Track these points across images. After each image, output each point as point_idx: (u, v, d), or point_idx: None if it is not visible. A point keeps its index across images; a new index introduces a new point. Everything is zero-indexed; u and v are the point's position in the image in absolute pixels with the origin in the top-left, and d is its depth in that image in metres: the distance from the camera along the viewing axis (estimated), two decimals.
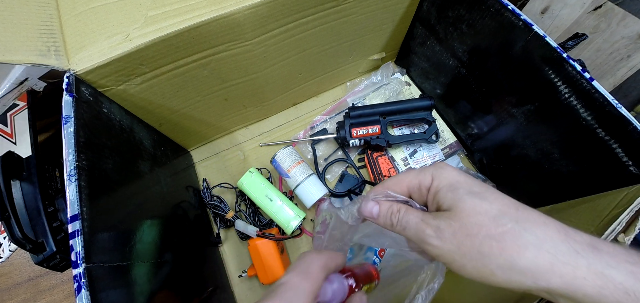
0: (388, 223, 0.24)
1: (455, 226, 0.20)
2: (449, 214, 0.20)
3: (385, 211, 0.24)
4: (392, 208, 0.24)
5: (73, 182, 0.25)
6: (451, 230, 0.20)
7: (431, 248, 0.21)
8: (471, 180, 0.21)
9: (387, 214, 0.24)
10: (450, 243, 0.20)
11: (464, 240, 0.19)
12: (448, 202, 0.21)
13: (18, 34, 0.29)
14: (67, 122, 0.28)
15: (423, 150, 0.58)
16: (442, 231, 0.20)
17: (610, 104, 0.32)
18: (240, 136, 0.61)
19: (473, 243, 0.19)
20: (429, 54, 0.56)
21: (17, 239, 0.35)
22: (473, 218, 0.19)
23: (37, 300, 0.49)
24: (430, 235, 0.20)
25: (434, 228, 0.20)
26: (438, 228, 0.20)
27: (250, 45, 0.41)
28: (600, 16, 0.59)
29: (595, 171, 0.37)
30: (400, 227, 0.23)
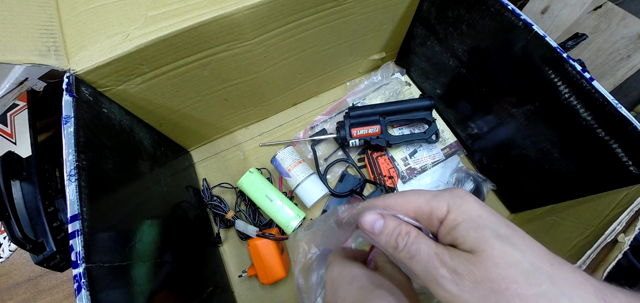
0: (391, 244, 0.20)
1: (478, 275, 0.16)
2: (471, 258, 0.17)
3: (392, 229, 0.20)
4: (401, 229, 0.20)
5: (73, 182, 0.25)
6: (472, 278, 0.16)
7: (443, 294, 0.17)
8: (496, 218, 0.18)
9: (392, 233, 0.20)
10: (470, 294, 0.16)
11: (489, 295, 0.16)
12: (470, 243, 0.17)
13: (18, 34, 0.29)
14: (67, 122, 0.28)
15: (423, 150, 0.58)
16: (461, 277, 0.17)
17: (610, 104, 0.32)
18: (240, 136, 0.61)
19: (499, 302, 0.16)
20: (429, 54, 0.56)
21: (17, 239, 0.35)
22: (502, 270, 0.16)
23: (37, 300, 0.49)
24: (444, 277, 0.17)
25: (450, 269, 0.17)
26: (456, 272, 0.17)
27: (250, 45, 0.41)
28: (600, 16, 0.59)
29: (595, 171, 0.37)
30: (407, 254, 0.19)
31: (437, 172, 0.57)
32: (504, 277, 0.16)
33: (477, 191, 0.53)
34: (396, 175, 0.56)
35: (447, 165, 0.57)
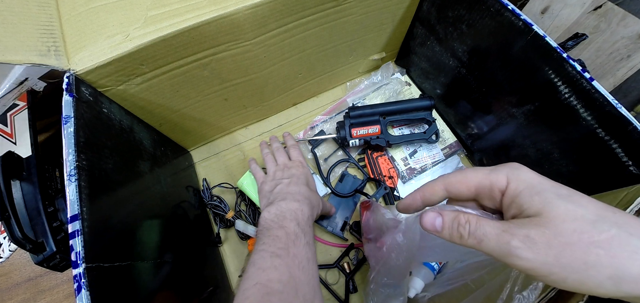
0: (455, 235, 0.21)
1: (549, 234, 0.17)
2: (538, 220, 0.18)
3: (450, 222, 0.21)
4: (459, 219, 0.20)
5: (73, 182, 0.25)
6: (545, 238, 0.17)
7: (521, 262, 0.18)
8: (554, 183, 0.20)
9: (452, 225, 0.21)
10: (546, 254, 0.17)
11: (563, 250, 0.17)
12: (535, 206, 0.18)
13: (18, 34, 0.29)
14: (67, 122, 0.28)
15: (423, 150, 0.58)
16: (533, 241, 0.17)
17: (610, 104, 0.32)
18: (240, 136, 0.61)
19: (575, 253, 0.17)
20: (429, 54, 0.56)
21: (17, 239, 0.35)
22: (570, 224, 0.17)
23: (37, 300, 0.49)
24: (518, 247, 0.18)
25: (522, 238, 0.18)
26: (528, 238, 0.18)
27: (250, 45, 0.41)
28: (600, 16, 0.59)
29: (595, 171, 0.37)
30: (475, 240, 0.20)
31: (437, 172, 0.57)
32: (574, 230, 0.17)
33: None
34: (396, 175, 0.56)
35: (447, 165, 0.57)
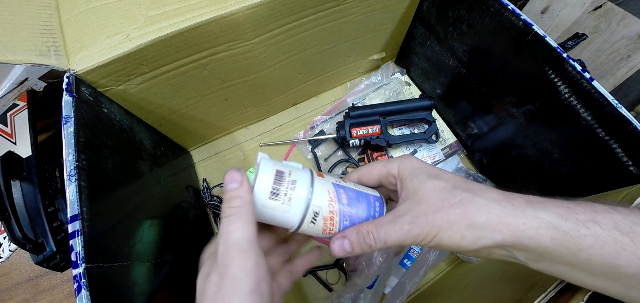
0: (366, 247, 0.24)
1: (424, 207, 0.23)
2: (415, 198, 0.23)
3: (356, 239, 0.24)
4: (361, 231, 0.24)
5: (73, 182, 0.25)
6: (422, 212, 0.22)
7: (412, 238, 0.22)
8: (430, 167, 0.25)
9: (359, 241, 0.24)
10: (425, 223, 0.22)
11: (435, 216, 0.22)
12: (413, 186, 0.24)
13: (18, 34, 0.29)
14: (67, 122, 0.28)
15: (423, 150, 0.58)
16: (416, 218, 0.22)
17: (610, 104, 0.32)
18: (240, 136, 0.61)
19: (441, 216, 0.22)
20: (429, 54, 0.56)
21: (17, 239, 0.35)
22: (435, 195, 0.23)
23: (37, 300, 0.49)
24: (407, 229, 0.22)
25: (408, 221, 0.23)
26: (412, 218, 0.23)
27: (250, 45, 0.41)
28: (600, 16, 0.59)
29: (595, 171, 0.37)
30: (382, 242, 0.23)
31: None
32: (437, 199, 0.23)
33: None
34: None
35: (447, 165, 0.57)
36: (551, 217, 0.21)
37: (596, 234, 0.20)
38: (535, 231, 0.20)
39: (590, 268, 0.20)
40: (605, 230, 0.20)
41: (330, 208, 0.25)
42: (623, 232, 0.19)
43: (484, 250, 0.22)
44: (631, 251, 0.19)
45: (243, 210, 0.21)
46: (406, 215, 0.23)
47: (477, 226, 0.21)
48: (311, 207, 0.24)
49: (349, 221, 0.25)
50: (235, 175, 0.22)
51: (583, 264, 0.20)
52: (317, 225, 0.25)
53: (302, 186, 0.24)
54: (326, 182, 0.26)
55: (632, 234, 0.19)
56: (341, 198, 0.25)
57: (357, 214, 0.25)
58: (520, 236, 0.21)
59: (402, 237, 0.23)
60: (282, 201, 0.24)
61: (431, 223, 0.22)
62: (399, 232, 0.23)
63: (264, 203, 0.23)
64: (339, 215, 0.25)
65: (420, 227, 0.22)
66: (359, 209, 0.26)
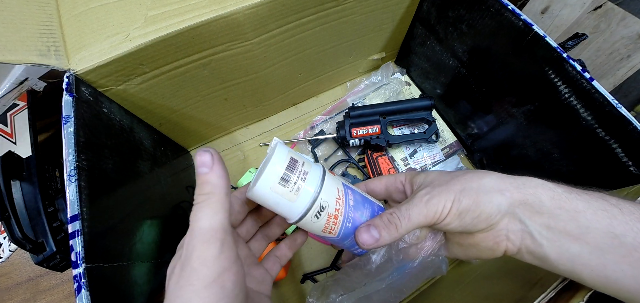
0: (392, 229, 0.24)
1: (437, 183, 0.24)
2: (426, 181, 0.26)
3: (384, 224, 0.24)
4: (388, 217, 0.24)
5: (73, 182, 0.25)
6: (436, 185, 0.24)
7: (433, 211, 0.23)
8: (426, 172, 0.28)
9: (388, 226, 0.24)
10: (441, 191, 0.24)
11: (448, 185, 0.24)
12: (421, 178, 0.26)
13: (18, 34, 0.29)
14: (67, 122, 0.28)
15: (423, 150, 0.58)
16: (432, 190, 0.24)
17: (610, 104, 0.32)
18: (240, 136, 0.61)
19: (454, 183, 0.24)
20: (429, 54, 0.56)
21: (17, 239, 0.35)
22: (443, 175, 0.25)
23: (37, 300, 0.49)
24: (427, 200, 0.24)
25: (425, 193, 0.24)
26: (428, 191, 0.24)
27: (250, 45, 0.41)
28: (600, 16, 0.59)
29: (595, 171, 0.37)
30: (406, 219, 0.24)
31: None
32: (446, 176, 0.25)
33: None
34: None
35: (447, 165, 0.57)
36: (542, 181, 0.23)
37: (586, 200, 0.21)
38: (534, 189, 0.22)
39: (595, 241, 0.20)
40: (593, 197, 0.21)
41: (337, 206, 0.25)
42: (611, 203, 0.21)
43: (500, 223, 0.23)
44: (622, 220, 0.20)
45: (212, 198, 0.19)
46: (421, 190, 0.24)
47: (486, 187, 0.23)
48: (318, 201, 0.24)
49: (352, 224, 0.25)
50: (206, 158, 0.20)
51: (587, 235, 0.21)
52: (319, 221, 0.24)
53: (314, 178, 0.24)
54: (336, 180, 0.26)
55: (619, 205, 0.21)
56: (348, 199, 0.25)
57: (361, 218, 0.25)
58: (523, 193, 0.22)
59: (425, 212, 0.23)
60: (291, 189, 0.23)
61: (447, 190, 0.23)
62: (421, 206, 0.24)
63: (272, 187, 0.23)
64: (343, 215, 0.25)
65: (438, 196, 0.23)
66: (363, 214, 0.26)
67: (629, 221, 0.20)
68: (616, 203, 0.21)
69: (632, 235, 0.20)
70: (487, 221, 0.23)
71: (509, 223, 0.23)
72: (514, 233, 0.23)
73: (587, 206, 0.21)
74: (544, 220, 0.22)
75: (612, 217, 0.20)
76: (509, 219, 0.23)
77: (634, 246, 0.20)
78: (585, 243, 0.21)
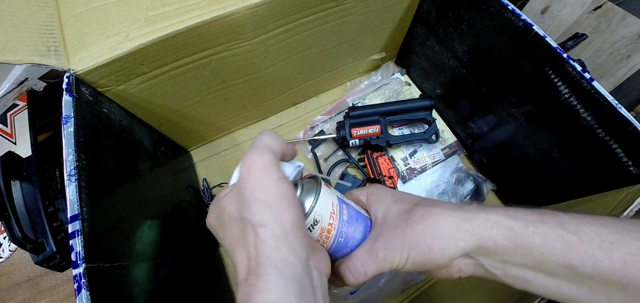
0: (349, 284, 0.25)
1: (392, 230, 0.24)
2: (384, 223, 0.25)
3: (336, 279, 0.26)
4: (339, 272, 0.25)
5: (73, 182, 0.25)
6: (391, 235, 0.24)
7: (388, 265, 0.24)
8: (395, 192, 0.28)
9: (340, 279, 0.26)
10: (396, 246, 0.24)
11: (402, 237, 0.23)
12: (380, 212, 0.26)
13: (18, 34, 0.29)
14: (67, 122, 0.28)
15: (423, 150, 0.58)
16: (387, 243, 0.24)
17: (610, 104, 0.32)
18: (240, 136, 0.61)
19: (408, 234, 0.23)
20: (429, 54, 0.56)
21: (17, 239, 0.35)
22: (400, 217, 0.25)
23: (37, 300, 0.49)
24: (382, 257, 0.24)
25: (381, 247, 0.24)
26: (384, 244, 0.24)
27: (250, 45, 0.41)
28: (600, 16, 0.59)
29: (595, 171, 0.37)
30: (362, 277, 0.25)
31: (437, 172, 0.57)
32: (402, 220, 0.24)
33: (477, 191, 0.53)
34: (396, 175, 0.56)
35: (447, 165, 0.57)
36: (501, 218, 0.22)
37: (544, 232, 0.21)
38: (490, 232, 0.22)
39: (551, 270, 0.21)
40: (552, 228, 0.21)
41: (330, 220, 0.25)
42: (570, 231, 0.20)
43: (453, 264, 0.23)
44: (581, 250, 0.20)
45: None
46: (378, 241, 0.25)
47: (440, 236, 0.23)
48: (312, 215, 0.24)
49: (344, 239, 0.25)
50: None
51: (542, 266, 0.21)
52: (312, 234, 0.24)
53: (310, 192, 0.24)
54: (332, 194, 0.26)
55: (578, 233, 0.20)
56: (342, 214, 0.25)
57: (353, 234, 0.26)
58: (478, 238, 0.22)
59: (379, 266, 0.24)
60: None
61: (401, 246, 0.23)
62: (376, 261, 0.24)
63: None
64: (336, 230, 0.25)
65: (393, 252, 0.23)
66: (356, 230, 0.26)
67: (587, 250, 0.20)
68: (575, 230, 0.20)
69: (590, 265, 0.19)
70: (440, 266, 0.23)
71: (461, 262, 0.23)
72: (467, 266, 0.24)
73: (543, 240, 0.21)
74: (498, 257, 0.22)
75: (571, 248, 0.20)
76: (461, 259, 0.23)
77: (592, 276, 0.19)
78: (540, 272, 0.21)
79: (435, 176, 0.57)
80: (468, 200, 0.53)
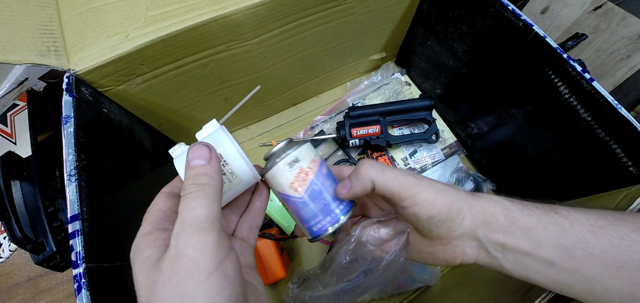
0: (360, 181, 0.24)
1: (407, 172, 0.24)
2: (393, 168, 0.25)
3: (355, 176, 0.25)
4: (358, 171, 0.25)
5: (73, 182, 0.25)
6: (408, 174, 0.24)
7: (397, 185, 0.23)
8: None
9: (356, 176, 0.25)
10: (408, 179, 0.23)
11: (414, 176, 0.24)
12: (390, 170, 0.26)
13: (18, 34, 0.29)
14: (67, 122, 0.28)
15: (423, 150, 0.58)
16: (400, 174, 0.24)
17: (610, 104, 0.32)
18: (240, 136, 0.61)
19: (422, 179, 0.23)
20: (429, 54, 0.56)
21: (17, 239, 0.35)
22: (416, 174, 0.25)
23: (37, 300, 0.49)
24: (394, 177, 0.23)
25: (393, 171, 0.24)
26: (397, 173, 0.24)
27: (250, 45, 0.41)
28: (600, 16, 0.59)
29: (595, 171, 0.37)
30: (369, 178, 0.24)
31: (437, 172, 0.57)
32: (419, 175, 0.24)
33: (477, 191, 0.53)
34: None
35: (447, 165, 0.57)
36: (499, 199, 0.24)
37: (538, 215, 0.22)
38: (493, 208, 0.23)
39: (546, 255, 0.22)
40: (545, 212, 0.22)
41: (311, 166, 0.26)
42: (562, 215, 0.22)
43: (457, 242, 0.23)
44: (572, 233, 0.21)
45: (210, 188, 0.19)
46: (389, 168, 0.24)
47: (452, 196, 0.23)
48: (295, 153, 0.25)
49: (318, 189, 0.26)
50: (204, 151, 0.20)
51: (538, 249, 0.22)
52: (291, 171, 0.25)
53: (298, 140, 0.27)
54: (316, 153, 0.27)
55: (569, 217, 0.22)
56: (322, 168, 0.26)
57: (329, 189, 0.26)
58: (484, 212, 0.23)
59: (386, 180, 0.24)
60: None
61: (412, 181, 0.23)
62: (384, 171, 0.24)
63: None
64: (313, 175, 0.26)
65: (403, 179, 0.23)
66: (330, 185, 0.26)
67: (578, 232, 0.21)
68: (567, 215, 0.22)
69: (581, 247, 0.21)
70: (448, 232, 0.23)
71: (466, 242, 0.24)
72: (471, 249, 0.24)
73: (538, 222, 0.22)
74: (500, 237, 0.23)
75: (562, 230, 0.21)
76: (467, 239, 0.24)
77: (584, 257, 0.21)
78: (538, 257, 0.22)
79: (435, 176, 0.57)
80: None
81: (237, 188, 0.25)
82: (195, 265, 0.16)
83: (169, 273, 0.17)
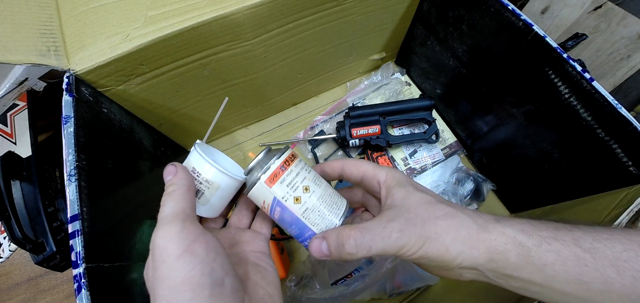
0: (345, 254, 0.23)
1: (412, 216, 0.23)
2: (403, 207, 0.24)
3: (335, 242, 0.23)
4: (342, 237, 0.23)
5: (73, 182, 0.25)
6: (410, 220, 0.23)
7: (397, 247, 0.22)
8: (415, 182, 0.26)
9: (338, 245, 0.23)
10: (413, 233, 0.22)
11: (423, 226, 0.22)
12: (400, 195, 0.24)
13: (18, 34, 0.29)
14: (67, 122, 0.28)
15: (423, 150, 0.58)
16: (404, 226, 0.22)
17: (610, 104, 0.32)
18: (240, 136, 0.61)
19: (430, 227, 0.22)
20: (429, 54, 0.56)
21: (17, 239, 0.35)
22: (423, 206, 0.24)
23: (37, 300, 0.49)
24: (396, 238, 0.22)
25: (396, 228, 0.22)
26: (400, 226, 0.23)
27: (250, 45, 0.41)
28: (600, 16, 0.59)
29: (595, 171, 0.37)
30: (365, 250, 0.22)
31: (437, 172, 0.57)
32: (424, 211, 0.23)
33: (477, 191, 0.53)
34: None
35: (447, 165, 0.57)
36: (516, 233, 0.22)
37: (558, 250, 0.21)
38: (504, 247, 0.21)
39: (559, 287, 0.21)
40: (566, 246, 0.21)
41: (309, 176, 0.25)
42: (584, 249, 0.20)
43: (460, 270, 0.23)
44: (593, 267, 0.20)
45: (175, 193, 0.22)
46: (394, 221, 0.23)
47: (459, 240, 0.22)
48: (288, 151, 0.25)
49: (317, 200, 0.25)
50: (170, 168, 0.23)
51: (550, 282, 0.21)
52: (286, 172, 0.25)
53: (278, 147, 0.27)
54: (299, 160, 0.26)
55: (592, 251, 0.20)
56: (320, 180, 0.26)
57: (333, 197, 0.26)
58: (491, 251, 0.22)
59: (389, 245, 0.22)
60: None
61: (419, 234, 0.22)
62: (386, 240, 0.22)
63: None
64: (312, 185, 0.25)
65: (408, 237, 0.22)
66: (334, 197, 0.26)
67: (599, 267, 0.20)
68: (590, 247, 0.20)
69: (600, 282, 0.20)
70: (446, 267, 0.23)
71: (465, 270, 0.23)
72: (469, 273, 0.23)
73: (556, 258, 0.20)
74: (507, 272, 0.22)
75: (583, 265, 0.20)
76: (466, 270, 0.23)
77: (601, 291, 0.20)
78: (549, 288, 0.21)
79: (435, 176, 0.57)
80: (468, 199, 0.53)
81: (221, 192, 0.25)
82: (165, 251, 0.19)
83: (152, 265, 0.20)
